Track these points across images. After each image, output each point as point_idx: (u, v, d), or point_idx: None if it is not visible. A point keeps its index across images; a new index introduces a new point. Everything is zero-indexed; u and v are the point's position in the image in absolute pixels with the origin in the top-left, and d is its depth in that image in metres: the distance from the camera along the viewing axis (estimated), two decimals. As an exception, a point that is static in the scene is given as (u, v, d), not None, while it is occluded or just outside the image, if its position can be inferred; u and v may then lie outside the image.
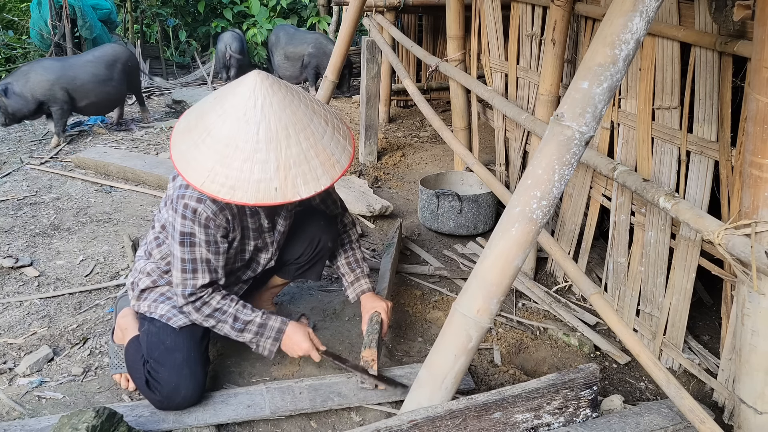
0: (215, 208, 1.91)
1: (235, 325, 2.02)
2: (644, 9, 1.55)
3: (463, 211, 3.36)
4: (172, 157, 1.79)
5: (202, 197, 1.88)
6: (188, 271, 1.94)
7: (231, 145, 1.72)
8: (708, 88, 2.06)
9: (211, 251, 1.95)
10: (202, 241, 1.92)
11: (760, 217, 1.66)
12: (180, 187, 1.92)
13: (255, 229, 2.11)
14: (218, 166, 1.72)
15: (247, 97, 1.73)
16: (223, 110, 1.76)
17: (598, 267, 2.92)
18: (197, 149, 1.76)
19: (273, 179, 1.72)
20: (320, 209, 2.34)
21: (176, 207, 1.90)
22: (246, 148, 1.72)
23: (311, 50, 6.62)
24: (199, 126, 1.79)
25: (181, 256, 1.93)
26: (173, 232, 1.93)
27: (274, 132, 1.73)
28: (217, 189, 1.72)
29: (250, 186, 1.71)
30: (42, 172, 4.39)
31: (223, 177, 1.72)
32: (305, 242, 2.28)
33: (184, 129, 1.84)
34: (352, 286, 2.37)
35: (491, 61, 3.50)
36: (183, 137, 1.82)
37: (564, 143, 1.64)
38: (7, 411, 2.03)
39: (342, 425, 2.02)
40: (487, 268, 1.73)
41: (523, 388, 1.84)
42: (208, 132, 1.76)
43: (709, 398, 2.23)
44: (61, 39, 6.56)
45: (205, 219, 1.90)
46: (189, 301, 1.97)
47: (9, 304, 2.69)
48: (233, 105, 1.75)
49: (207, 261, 1.95)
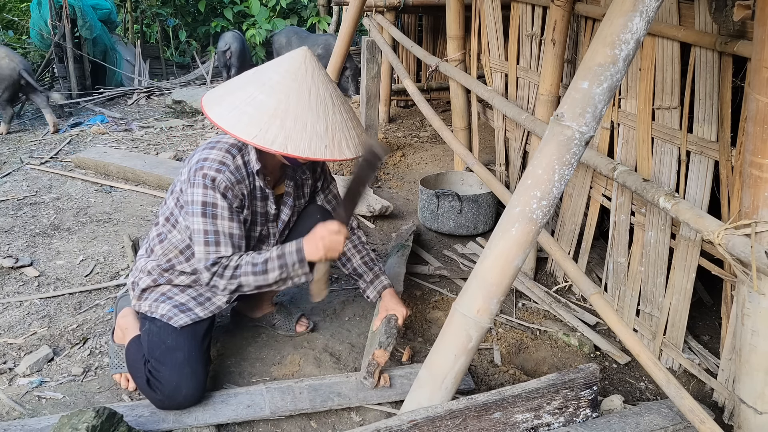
0: (233, 179, 1.95)
1: (256, 270, 1.96)
2: (644, 9, 1.55)
3: (463, 211, 3.36)
4: (213, 118, 1.86)
5: (221, 168, 1.93)
6: (211, 243, 1.94)
7: (282, 104, 1.83)
8: (708, 88, 2.06)
9: (234, 220, 1.97)
10: (224, 210, 1.94)
11: (760, 217, 1.66)
12: (197, 161, 1.95)
13: (262, 214, 2.13)
14: (270, 122, 1.82)
15: (298, 66, 1.89)
16: (273, 75, 1.89)
17: (598, 267, 2.92)
18: (242, 111, 1.84)
19: (323, 138, 1.85)
20: (322, 208, 2.34)
21: (194, 180, 1.93)
22: (299, 108, 1.84)
23: (320, 51, 6.65)
24: (242, 92, 1.88)
25: (203, 228, 1.93)
26: (192, 207, 1.94)
27: (323, 98, 1.88)
28: (271, 141, 1.80)
29: (302, 141, 1.82)
30: (42, 172, 4.39)
31: (275, 131, 1.81)
32: None
33: (221, 96, 1.93)
34: (372, 284, 2.36)
35: (491, 61, 3.50)
36: (223, 101, 1.90)
37: (564, 143, 1.64)
38: (7, 411, 2.03)
39: (342, 425, 2.02)
40: (487, 268, 1.74)
41: (523, 388, 1.84)
42: (257, 94, 1.86)
43: (709, 398, 2.23)
44: (61, 39, 6.55)
45: (224, 188, 1.93)
46: (212, 271, 1.95)
47: (9, 304, 2.69)
48: (285, 71, 1.88)
49: (230, 235, 1.96)
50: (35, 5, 6.92)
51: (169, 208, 2.09)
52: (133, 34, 9.60)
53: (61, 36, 6.55)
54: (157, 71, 8.85)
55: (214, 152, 1.97)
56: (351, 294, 2.81)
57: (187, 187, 1.96)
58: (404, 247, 3.09)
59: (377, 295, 2.35)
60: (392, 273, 2.83)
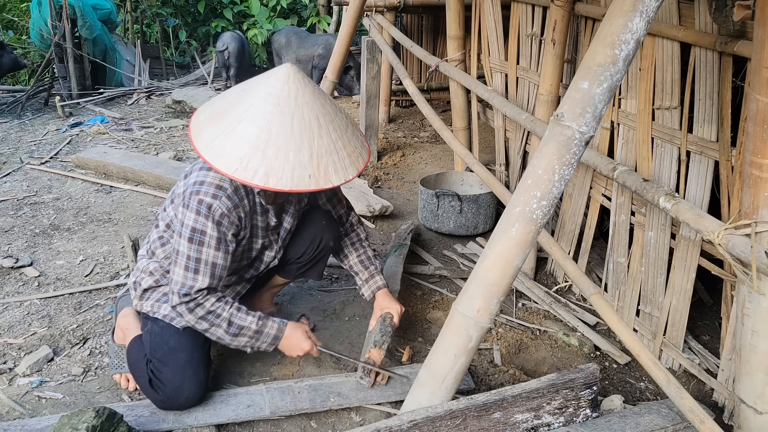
0: (230, 205, 1.91)
1: (229, 330, 1.96)
2: (644, 9, 1.55)
3: (463, 211, 3.36)
4: (197, 148, 1.78)
5: (217, 194, 1.88)
6: (190, 269, 1.91)
7: (264, 133, 1.73)
8: (708, 88, 2.06)
9: (221, 251, 1.92)
10: (212, 240, 1.90)
11: (760, 217, 1.66)
12: (194, 184, 1.90)
13: (263, 228, 2.11)
14: (251, 154, 1.72)
15: (280, 88, 1.76)
16: (255, 101, 1.78)
17: (598, 267, 2.92)
18: (226, 139, 1.76)
19: (307, 167, 1.75)
20: (324, 208, 2.34)
21: (188, 203, 1.88)
22: (280, 137, 1.74)
23: (321, 51, 6.67)
24: (227, 116, 1.79)
25: (187, 253, 1.90)
26: (181, 229, 1.90)
27: (307, 122, 1.77)
28: (251, 176, 1.72)
29: (284, 173, 1.73)
30: (42, 172, 4.39)
31: (256, 165, 1.72)
32: (307, 241, 2.28)
33: (206, 120, 1.84)
34: (366, 284, 2.36)
35: (491, 61, 3.50)
36: (207, 128, 1.81)
37: (564, 143, 1.64)
38: (7, 411, 2.03)
39: (342, 425, 2.02)
40: (487, 268, 1.73)
41: (523, 388, 1.84)
42: (238, 122, 1.76)
43: (709, 398, 2.23)
44: (61, 39, 6.55)
45: (220, 215, 1.89)
46: (183, 301, 1.92)
47: (9, 304, 2.69)
48: (267, 94, 1.77)
49: (213, 265, 1.92)
50: (35, 5, 6.92)
51: (170, 215, 2.07)
52: (133, 34, 9.60)
53: (61, 36, 6.55)
54: (157, 71, 8.85)
55: (212, 174, 1.91)
56: (351, 294, 2.81)
57: (181, 206, 1.92)
58: (402, 246, 3.09)
59: (371, 294, 2.35)
60: (389, 272, 2.83)
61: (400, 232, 3.34)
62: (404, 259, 2.97)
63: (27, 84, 7.95)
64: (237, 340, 1.99)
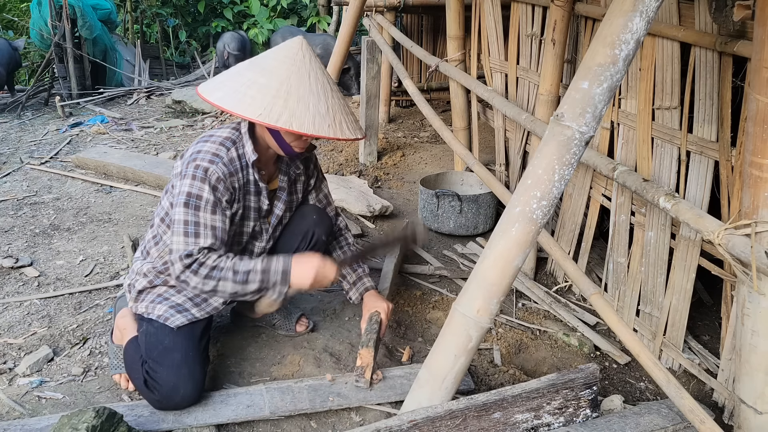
0: (226, 171, 1.95)
1: (236, 279, 1.93)
2: (644, 9, 1.55)
3: (463, 211, 3.36)
4: (214, 101, 1.88)
5: (214, 159, 1.94)
6: (190, 234, 1.91)
7: (285, 85, 1.86)
8: (708, 88, 2.06)
9: (218, 214, 1.94)
10: (209, 203, 1.92)
11: (760, 217, 1.66)
12: (191, 154, 1.96)
13: (255, 209, 2.13)
14: (273, 102, 1.83)
15: (296, 51, 1.93)
16: (271, 62, 1.92)
17: (598, 267, 2.92)
18: (244, 93, 1.85)
19: (325, 117, 1.89)
20: (317, 208, 2.35)
21: (185, 171, 1.93)
22: (300, 89, 1.87)
23: (319, 51, 6.67)
24: (242, 77, 1.90)
25: (184, 219, 1.90)
26: (178, 197, 1.92)
27: (321, 81, 1.92)
28: (275, 119, 1.81)
29: (306, 119, 1.85)
30: (42, 172, 4.39)
31: (278, 111, 1.83)
32: (299, 236, 2.28)
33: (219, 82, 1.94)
34: (354, 286, 2.36)
35: (491, 61, 3.50)
36: (221, 87, 1.91)
37: (564, 143, 1.64)
38: (7, 411, 2.03)
39: (342, 425, 2.02)
40: (487, 268, 1.73)
41: (523, 388, 1.84)
42: (254, 80, 1.88)
43: (709, 398, 2.23)
44: (61, 39, 6.55)
45: (216, 179, 1.93)
46: (185, 264, 1.89)
47: (9, 304, 2.69)
48: (284, 57, 1.91)
49: (212, 228, 1.94)
50: (35, 5, 6.93)
51: (164, 208, 2.09)
52: (133, 34, 9.60)
53: (61, 36, 6.55)
54: (157, 71, 8.86)
55: (208, 145, 1.98)
56: (351, 294, 2.81)
57: (177, 179, 1.96)
58: None
59: (359, 297, 2.35)
60: (382, 272, 2.83)
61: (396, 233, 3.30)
62: (397, 258, 2.95)
63: (27, 84, 7.96)
64: (248, 287, 1.95)
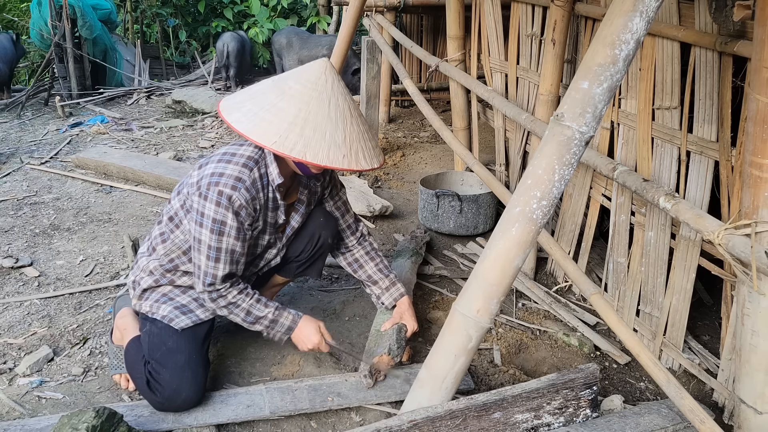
0: (248, 197, 1.96)
1: (247, 319, 2.08)
2: (644, 9, 1.55)
3: (463, 211, 3.36)
4: (231, 123, 1.87)
5: (237, 185, 1.93)
6: (212, 258, 1.97)
7: (303, 112, 1.84)
8: (708, 88, 2.06)
9: (240, 239, 1.99)
10: (232, 229, 1.96)
11: (760, 217, 1.65)
12: (212, 175, 1.94)
13: (272, 224, 2.14)
14: (290, 130, 1.82)
15: (318, 75, 1.90)
16: (293, 84, 1.90)
17: (598, 267, 2.92)
18: (261, 117, 1.85)
19: (341, 147, 1.86)
20: (326, 211, 2.34)
21: (207, 194, 1.92)
22: (318, 117, 1.85)
23: (325, 52, 6.68)
24: (262, 99, 1.90)
25: (208, 243, 1.96)
26: (201, 219, 1.94)
27: (342, 108, 1.90)
28: (290, 148, 1.80)
29: (321, 150, 1.83)
30: (42, 172, 4.39)
31: (294, 139, 1.81)
32: (305, 239, 2.29)
33: (239, 102, 1.94)
34: (388, 291, 2.39)
35: (491, 61, 3.50)
36: (240, 107, 1.91)
37: (564, 143, 1.64)
38: (7, 411, 2.03)
39: (342, 425, 2.02)
40: (487, 268, 1.73)
41: (523, 388, 1.84)
42: (273, 104, 1.87)
43: (709, 398, 2.23)
44: (61, 39, 6.55)
45: (238, 206, 1.94)
46: (207, 290, 2.02)
47: (9, 304, 2.69)
48: (306, 81, 1.89)
49: (232, 252, 1.99)
50: (35, 5, 6.93)
51: (174, 208, 2.08)
52: (133, 34, 9.60)
53: (61, 36, 6.55)
54: (157, 71, 8.86)
55: (231, 167, 1.95)
56: (351, 294, 2.81)
57: (197, 196, 1.94)
58: (417, 254, 3.02)
59: (393, 302, 2.38)
60: (403, 280, 2.79)
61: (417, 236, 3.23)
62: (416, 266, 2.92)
63: (27, 84, 7.96)
64: (253, 327, 2.11)
